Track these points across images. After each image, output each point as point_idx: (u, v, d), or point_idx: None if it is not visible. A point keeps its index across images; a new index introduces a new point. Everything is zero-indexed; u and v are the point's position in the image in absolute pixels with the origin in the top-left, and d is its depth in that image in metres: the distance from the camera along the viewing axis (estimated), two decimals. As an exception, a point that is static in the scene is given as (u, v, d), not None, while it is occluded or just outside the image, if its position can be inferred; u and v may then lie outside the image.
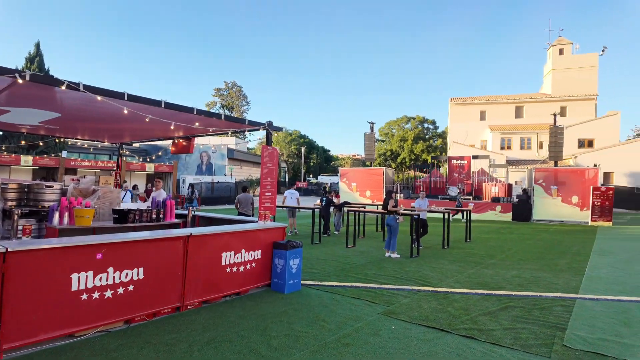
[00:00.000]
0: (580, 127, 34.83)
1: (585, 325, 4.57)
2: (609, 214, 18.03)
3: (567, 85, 38.09)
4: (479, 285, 6.42)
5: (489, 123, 39.72)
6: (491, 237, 12.90)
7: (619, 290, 6.28)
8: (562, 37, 39.60)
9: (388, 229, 8.93)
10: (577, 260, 8.98)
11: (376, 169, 23.87)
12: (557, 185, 18.99)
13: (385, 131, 58.17)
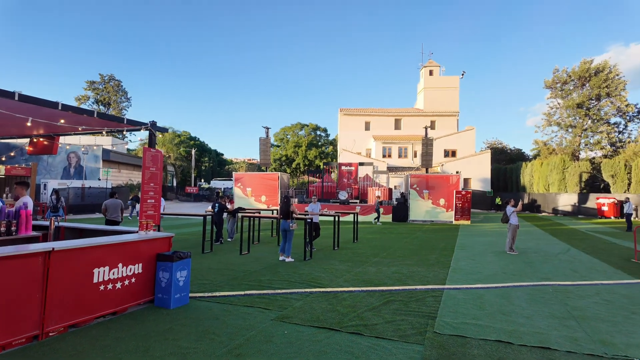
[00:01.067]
0: (446, 139, 40.40)
1: (451, 312, 5.26)
2: (468, 214, 21.23)
3: (435, 102, 43.84)
4: (364, 282, 6.89)
5: (372, 133, 43.29)
6: (375, 237, 14.00)
7: (475, 279, 7.40)
8: (432, 60, 45.50)
9: (283, 234, 9.01)
10: (444, 255, 10.32)
11: (271, 173, 23.93)
12: (428, 189, 21.63)
13: (281, 137, 58.86)
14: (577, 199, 29.81)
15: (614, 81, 36.02)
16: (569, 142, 39.36)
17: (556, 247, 12.29)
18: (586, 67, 36.87)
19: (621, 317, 5.14)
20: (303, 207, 19.22)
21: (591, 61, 36.99)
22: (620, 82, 36.11)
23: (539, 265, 8.95)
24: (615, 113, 37.48)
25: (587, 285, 7.00)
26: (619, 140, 37.89)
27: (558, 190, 33.57)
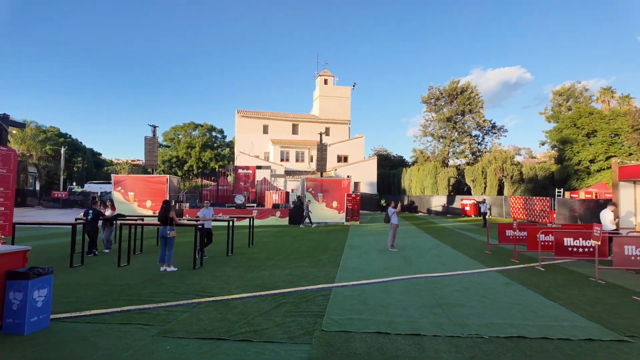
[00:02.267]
0: (339, 145, 42.69)
1: (338, 309, 5.54)
2: (357, 215, 22.72)
3: (330, 110, 46.03)
4: (257, 287, 6.83)
5: (271, 137, 43.43)
6: (271, 241, 14.02)
7: (360, 276, 7.94)
8: (327, 69, 47.69)
9: (162, 241, 8.40)
10: (335, 254, 10.85)
11: (159, 176, 22.14)
12: (323, 192, 22.54)
13: (171, 136, 54.96)
14: (446, 200, 34.28)
15: (475, 100, 42.56)
16: (440, 151, 45.11)
17: (429, 243, 13.93)
18: (454, 86, 42.81)
19: (475, 302, 6.06)
20: (195, 212, 18.24)
21: (458, 81, 43.10)
22: (479, 101, 42.80)
23: (414, 260, 10.02)
24: (476, 127, 44.29)
25: (451, 276, 8.08)
26: (478, 150, 44.82)
27: (431, 193, 38.16)
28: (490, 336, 4.49)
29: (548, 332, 4.64)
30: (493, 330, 4.70)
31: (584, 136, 30.72)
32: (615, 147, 28.62)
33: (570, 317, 5.27)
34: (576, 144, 30.91)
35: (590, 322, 5.07)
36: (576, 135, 31.06)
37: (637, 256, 7.69)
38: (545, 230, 9.90)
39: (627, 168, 12.66)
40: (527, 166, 36.36)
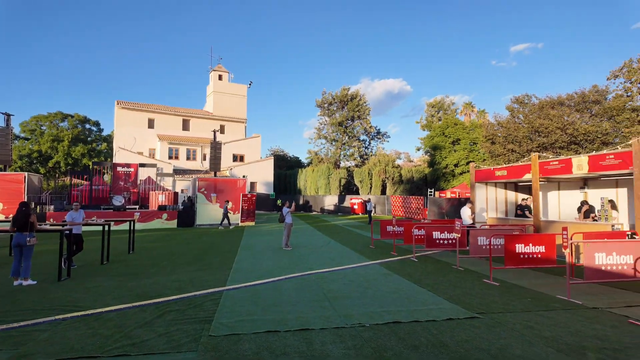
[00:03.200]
0: (235, 144, 41.66)
1: (228, 313, 5.40)
2: (253, 215, 22.46)
3: (225, 107, 44.58)
4: (138, 297, 6.26)
5: (157, 132, 40.15)
6: (156, 245, 12.97)
7: (254, 276, 7.88)
8: (221, 65, 46.11)
9: (17, 250, 7.14)
10: (228, 256, 10.55)
11: (14, 174, 18.62)
12: (217, 192, 21.71)
13: (32, 127, 46.72)
14: (338, 199, 36.21)
15: (363, 107, 45.83)
16: (333, 153, 47.45)
17: (321, 240, 14.54)
18: (345, 93, 45.44)
19: (359, 293, 6.53)
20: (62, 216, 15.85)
21: (349, 88, 45.86)
22: (366, 108, 46.23)
23: (306, 258, 10.35)
24: (363, 132, 47.75)
25: (339, 270, 8.57)
26: (366, 153, 48.40)
27: (325, 193, 39.90)
28: (371, 324, 4.89)
29: (418, 315, 5.26)
30: (373, 318, 5.13)
31: (450, 144, 35.59)
32: (474, 154, 33.84)
33: (436, 301, 6.06)
34: (444, 150, 35.64)
35: (451, 303, 5.91)
36: (444, 142, 35.81)
37: (487, 245, 9.21)
38: (419, 226, 11.18)
39: (481, 172, 15.09)
40: (405, 169, 40.64)
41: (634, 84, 21.40)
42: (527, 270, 8.41)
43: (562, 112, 21.08)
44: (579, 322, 5.01)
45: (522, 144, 21.96)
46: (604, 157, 10.04)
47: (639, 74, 20.91)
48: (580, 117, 21.20)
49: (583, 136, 20.01)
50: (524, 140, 21.98)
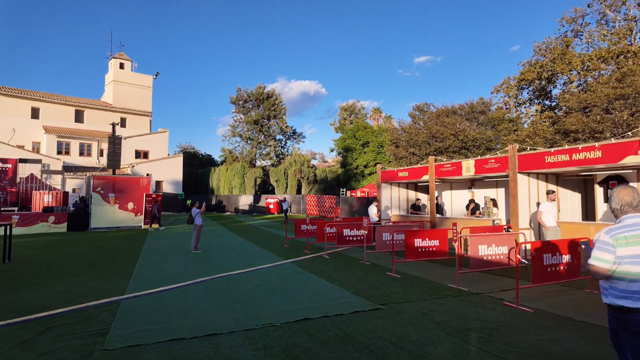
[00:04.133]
0: (138, 140, 38.37)
1: (127, 323, 4.96)
2: (158, 217, 20.94)
3: (127, 99, 40.79)
4: (15, 312, 5.40)
5: (43, 123, 35.15)
6: (41, 253, 11.35)
7: (158, 283, 7.36)
8: (123, 52, 42.12)
9: None
10: (128, 262, 9.68)
11: None
12: (115, 193, 19.77)
13: None
14: (253, 199, 35.70)
15: (279, 106, 45.86)
16: (248, 151, 46.64)
17: (234, 241, 14.18)
18: (261, 91, 44.97)
19: (271, 293, 6.53)
20: None
21: (264, 87, 45.48)
22: (282, 108, 46.36)
23: (218, 260, 10.01)
24: (280, 132, 47.82)
25: (252, 271, 8.45)
26: (282, 153, 48.53)
27: (239, 192, 39.02)
28: (282, 322, 4.92)
29: (327, 310, 5.44)
30: (284, 316, 5.17)
31: (360, 146, 37.56)
32: (381, 156, 36.18)
33: (344, 295, 6.34)
34: (355, 152, 37.48)
35: (358, 297, 6.24)
36: (355, 144, 37.66)
37: (390, 240, 9.91)
38: (330, 224, 11.59)
39: (386, 173, 16.19)
40: (320, 169, 41.77)
41: (510, 98, 24.99)
42: (424, 262, 9.26)
43: (454, 120, 23.67)
44: (465, 307, 5.68)
45: (421, 148, 24.12)
46: (486, 161, 11.52)
47: (515, 90, 24.48)
48: (470, 125, 24.04)
49: (471, 142, 22.72)
50: (423, 145, 24.18)
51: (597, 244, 2.52)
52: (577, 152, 8.92)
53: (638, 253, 2.42)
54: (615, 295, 2.48)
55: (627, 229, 2.50)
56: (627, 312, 2.42)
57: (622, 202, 2.59)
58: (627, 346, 2.44)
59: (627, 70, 16.31)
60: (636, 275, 2.41)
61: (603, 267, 2.46)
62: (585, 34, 22.60)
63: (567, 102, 17.41)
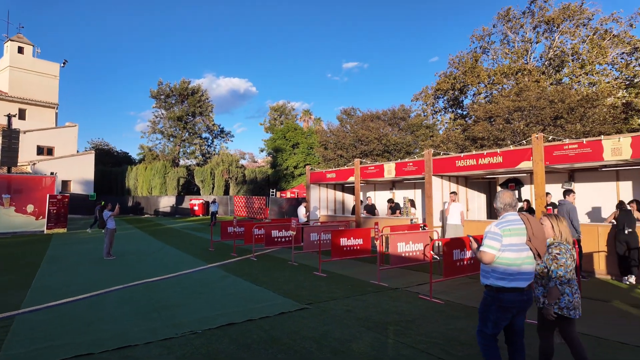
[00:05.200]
0: (41, 134, 34.07)
1: (22, 341, 4.39)
2: (64, 220, 18.83)
3: (27, 87, 36.02)
4: None
5: None
6: None
7: (63, 294, 6.62)
8: (22, 34, 37.17)
9: None
10: (25, 272, 8.56)
11: None
12: (11, 193, 17.36)
13: None
14: (176, 200, 33.83)
15: (205, 103, 44.10)
16: (171, 150, 44.10)
17: (153, 246, 13.30)
18: (185, 86, 42.83)
19: (192, 299, 6.24)
20: None
21: (189, 82, 43.40)
22: (209, 105, 44.67)
23: (135, 266, 9.30)
24: (206, 130, 45.97)
25: (172, 277, 8.01)
26: (208, 152, 46.69)
27: (160, 193, 36.69)
28: (203, 330, 4.74)
29: (252, 314, 5.36)
30: (206, 323, 4.98)
31: (290, 147, 37.66)
32: (311, 157, 36.66)
33: (271, 297, 6.30)
34: (285, 153, 37.48)
35: (284, 298, 6.24)
36: (285, 145, 37.67)
37: (317, 240, 10.09)
38: (259, 225, 11.44)
39: (315, 174, 16.46)
40: (249, 169, 41.03)
41: (428, 106, 26.98)
42: (350, 261, 9.58)
43: (379, 125, 24.90)
44: (385, 302, 6.00)
45: (348, 150, 24.96)
46: (405, 164, 12.30)
47: (432, 98, 26.49)
48: (392, 130, 25.47)
49: (393, 146, 24.09)
50: (350, 147, 25.04)
51: (489, 235, 3.03)
52: (482, 157, 9.94)
53: (515, 242, 3.00)
54: (495, 277, 3.02)
55: (510, 223, 3.07)
56: (502, 291, 2.98)
57: (505, 203, 3.18)
58: (492, 318, 3.03)
59: (523, 86, 18.60)
60: (513, 260, 2.98)
61: (492, 253, 2.99)
62: (491, 51, 25.28)
63: (475, 112, 19.31)
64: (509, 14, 23.74)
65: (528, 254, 3.02)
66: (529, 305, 3.07)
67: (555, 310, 3.17)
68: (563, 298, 3.18)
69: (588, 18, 21.51)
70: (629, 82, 19.95)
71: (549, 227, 3.33)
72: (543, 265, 3.23)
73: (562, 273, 3.13)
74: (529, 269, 3.03)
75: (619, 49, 20.65)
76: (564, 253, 3.19)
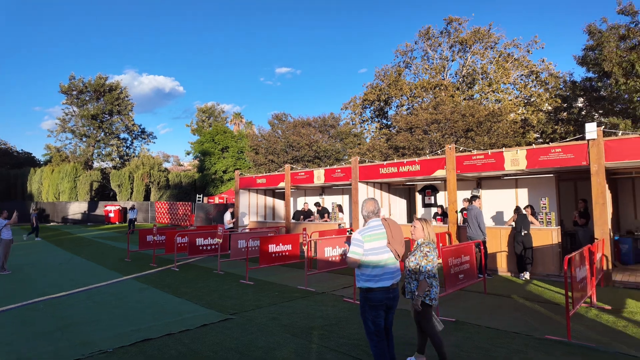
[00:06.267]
0: None
1: None
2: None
3: None
4: None
5: None
6: None
7: (-62, 317, 5.65)
8: None
9: None
10: None
11: None
12: None
13: None
14: (88, 207, 30.81)
15: (124, 101, 40.94)
16: (83, 151, 40.14)
17: (59, 257, 11.96)
18: (102, 82, 39.37)
19: (104, 315, 5.73)
20: None
21: (106, 78, 39.99)
22: (129, 103, 41.55)
23: (36, 281, 8.29)
24: (125, 130, 42.64)
25: (81, 292, 7.27)
26: (127, 154, 43.31)
27: (69, 199, 33.15)
28: (115, 348, 4.37)
29: (172, 327, 5.08)
30: (119, 340, 4.60)
31: (219, 150, 36.52)
32: (241, 162, 35.90)
33: (193, 309, 6.03)
34: (214, 156, 36.23)
35: (207, 309, 6.01)
36: (214, 149, 36.42)
37: (245, 248, 9.90)
38: (182, 233, 10.89)
39: (245, 179, 16.17)
40: (173, 173, 38.87)
41: (356, 115, 28.06)
42: (278, 267, 9.54)
43: (309, 132, 25.27)
44: (311, 307, 6.08)
45: (280, 156, 24.94)
46: (334, 170, 12.65)
47: (360, 108, 27.60)
48: (322, 137, 26.02)
49: (323, 152, 24.61)
50: (282, 153, 25.05)
51: (353, 241, 3.32)
52: (403, 165, 10.60)
53: (376, 246, 3.28)
54: (364, 279, 3.28)
55: (371, 229, 3.35)
56: (370, 291, 3.24)
57: (369, 211, 3.45)
58: (370, 318, 3.26)
59: (440, 100, 20.26)
60: (376, 263, 3.26)
61: (356, 258, 3.26)
62: (413, 66, 27.13)
63: (397, 123, 20.54)
64: (429, 33, 25.72)
65: (389, 255, 3.31)
66: (395, 301, 3.37)
67: (427, 301, 3.62)
68: (432, 290, 3.64)
69: (494, 42, 24.18)
70: (527, 101, 22.78)
71: (419, 229, 3.81)
72: (415, 262, 3.67)
73: (430, 267, 3.59)
74: (392, 269, 3.32)
75: (519, 71, 23.51)
76: (432, 250, 3.67)
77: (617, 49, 14.58)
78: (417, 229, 3.82)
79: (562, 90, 19.73)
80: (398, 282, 3.40)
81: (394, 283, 3.31)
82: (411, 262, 3.70)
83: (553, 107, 20.13)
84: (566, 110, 19.07)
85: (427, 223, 3.84)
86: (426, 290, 3.60)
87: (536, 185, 10.39)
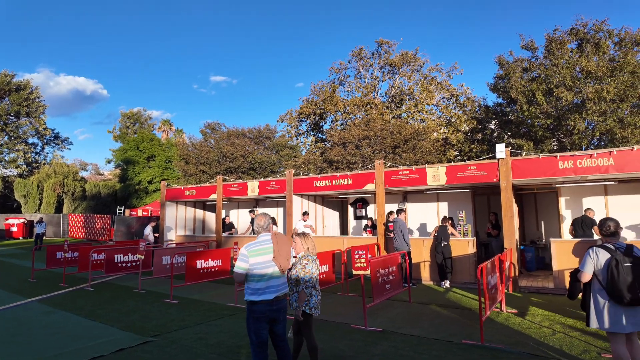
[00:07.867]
0: None
1: None
2: None
3: None
4: None
5: None
6: None
7: None
8: None
9: None
10: None
11: None
12: None
13: None
14: (-16, 220, 26.88)
15: (35, 102, 36.81)
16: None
17: (-58, 280, 10.21)
18: (7, 80, 35.05)
19: (1, 345, 4.99)
20: None
21: (13, 75, 35.69)
22: (40, 105, 37.42)
23: None
24: (34, 134, 38.23)
25: (-31, 320, 6.27)
26: (36, 160, 38.79)
27: (-40, 211, 28.66)
28: (9, 384, 3.82)
29: (83, 354, 4.58)
30: (15, 375, 4.03)
31: (145, 159, 34.28)
32: (169, 172, 34.02)
33: (108, 333, 5.50)
34: (138, 166, 33.90)
35: (125, 331, 5.53)
36: (138, 157, 34.10)
37: (170, 264, 9.33)
38: (98, 249, 9.94)
39: (172, 190, 15.34)
40: (91, 183, 35.61)
41: (292, 128, 28.27)
42: (207, 283, 9.11)
43: (244, 142, 24.86)
44: (239, 324, 5.88)
45: (212, 166, 24.12)
46: (268, 183, 12.55)
47: (296, 121, 27.87)
48: (257, 148, 25.75)
49: (259, 164, 24.32)
50: (214, 163, 24.26)
51: (239, 256, 3.41)
52: (336, 178, 10.86)
53: (261, 261, 3.36)
54: (249, 293, 3.36)
55: (258, 244, 3.43)
56: (254, 304, 3.31)
57: (259, 225, 3.55)
58: (252, 329, 3.32)
59: (371, 118, 21.26)
60: (259, 277, 3.34)
61: (241, 272, 3.33)
62: (347, 83, 28.18)
63: (332, 137, 21.09)
64: (361, 53, 26.98)
65: (274, 269, 3.40)
66: (281, 313, 3.46)
67: (307, 310, 3.82)
68: (312, 299, 3.85)
69: (420, 65, 26.11)
70: (447, 121, 24.81)
71: (299, 244, 4.03)
72: (296, 275, 3.86)
73: (307, 278, 3.81)
74: (276, 283, 3.41)
75: (442, 94, 25.59)
76: (310, 262, 3.88)
77: (521, 79, 16.58)
78: (297, 244, 4.00)
79: (477, 113, 21.80)
80: (284, 295, 3.49)
81: (278, 296, 3.39)
82: (292, 274, 3.86)
83: (470, 128, 22.14)
84: (481, 132, 21.10)
85: (306, 237, 4.04)
86: (305, 300, 3.78)
87: (455, 199, 11.28)
